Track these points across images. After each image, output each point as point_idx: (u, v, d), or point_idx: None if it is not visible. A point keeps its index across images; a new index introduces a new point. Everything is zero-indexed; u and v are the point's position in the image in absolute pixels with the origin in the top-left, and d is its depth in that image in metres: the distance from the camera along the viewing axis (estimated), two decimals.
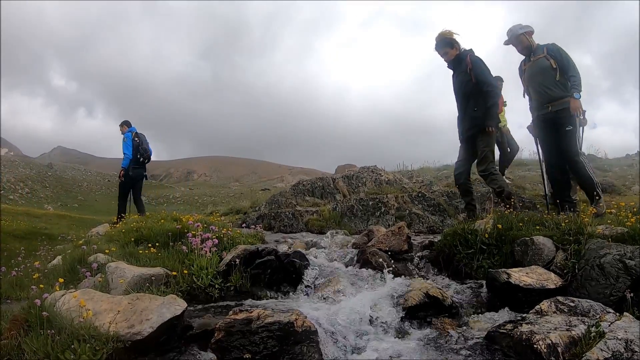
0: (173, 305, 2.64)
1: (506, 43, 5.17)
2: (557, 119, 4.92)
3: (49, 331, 2.33)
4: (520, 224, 4.16)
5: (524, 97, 5.36)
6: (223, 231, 4.52)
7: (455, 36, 5.15)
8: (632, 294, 2.77)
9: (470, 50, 5.14)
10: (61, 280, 3.07)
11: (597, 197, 4.81)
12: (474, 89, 5.02)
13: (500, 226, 4.07)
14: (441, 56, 5.23)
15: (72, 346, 2.26)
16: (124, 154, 8.64)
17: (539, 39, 5.16)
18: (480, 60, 5.06)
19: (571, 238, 3.61)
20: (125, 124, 9.05)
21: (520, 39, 5.04)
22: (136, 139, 8.90)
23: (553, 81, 4.88)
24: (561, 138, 4.89)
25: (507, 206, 4.83)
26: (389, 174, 10.24)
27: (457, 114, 5.36)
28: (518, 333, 2.43)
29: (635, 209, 4.76)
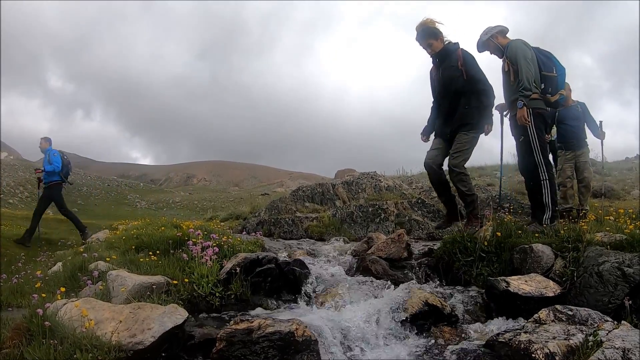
0: (174, 315, 2.66)
1: (479, 51, 4.84)
2: (512, 127, 4.69)
3: (51, 341, 2.35)
4: (519, 231, 4.18)
5: None
6: (223, 239, 4.53)
7: (438, 25, 4.71)
8: (630, 302, 2.80)
9: (458, 43, 4.73)
10: (63, 289, 3.09)
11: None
12: (466, 85, 4.58)
13: (499, 233, 4.09)
14: (424, 48, 4.75)
15: (75, 356, 2.28)
16: (54, 165, 8.69)
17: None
18: (473, 56, 4.69)
19: (570, 245, 3.63)
20: (47, 141, 9.13)
21: (487, 44, 4.71)
22: (65, 156, 9.12)
23: (508, 84, 4.61)
24: (519, 148, 4.61)
25: (469, 225, 4.59)
26: (388, 179, 10.27)
27: (432, 111, 4.98)
28: (516, 342, 2.45)
29: (634, 215, 4.78)
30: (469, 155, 4.70)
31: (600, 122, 7.09)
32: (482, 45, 4.79)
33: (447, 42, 4.71)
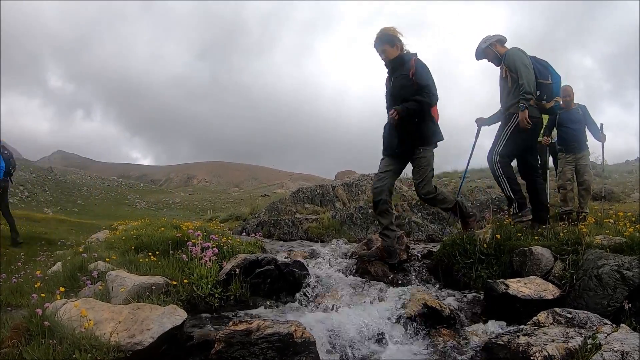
0: (173, 315, 2.66)
1: (477, 59, 4.98)
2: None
3: (50, 341, 2.35)
4: (519, 234, 4.19)
5: None
6: (223, 240, 4.53)
7: (399, 35, 4.49)
8: (629, 305, 2.79)
9: (416, 53, 4.51)
10: (62, 289, 3.09)
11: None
12: (415, 96, 4.31)
13: (499, 236, 4.09)
14: (379, 54, 4.55)
15: (74, 356, 2.28)
16: (1, 167, 8.54)
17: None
18: (426, 66, 4.41)
19: (569, 248, 3.63)
20: None
21: (486, 52, 4.87)
22: (6, 151, 8.96)
23: (507, 90, 4.71)
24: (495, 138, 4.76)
25: (468, 227, 4.55)
26: None
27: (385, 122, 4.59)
28: (515, 345, 2.45)
29: (633, 218, 4.78)
30: (433, 174, 4.52)
31: (601, 124, 7.11)
32: (480, 53, 4.92)
33: (406, 51, 4.51)
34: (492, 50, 4.82)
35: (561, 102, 7.27)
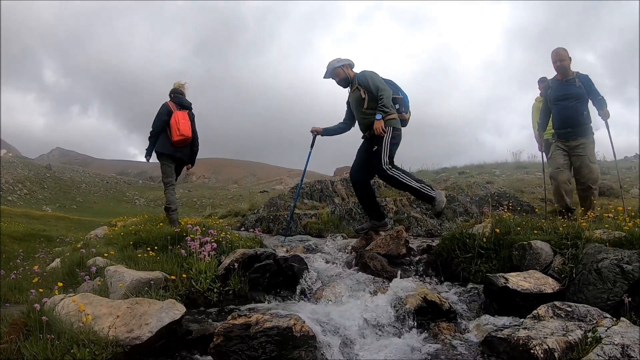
0: (172, 310, 2.66)
1: (325, 77, 5.18)
2: (369, 143, 4.91)
3: (48, 336, 2.35)
4: (518, 228, 4.18)
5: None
6: (222, 235, 4.52)
7: (178, 87, 6.28)
8: (629, 299, 2.79)
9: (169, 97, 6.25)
10: (60, 284, 3.08)
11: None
12: None
13: (498, 230, 4.08)
14: None
15: (72, 351, 2.27)
16: None
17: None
18: (161, 106, 6.10)
19: (569, 242, 3.62)
20: None
21: (336, 72, 5.05)
22: None
23: (365, 110, 4.84)
24: (371, 158, 4.83)
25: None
26: None
27: None
28: (515, 338, 2.45)
29: (632, 213, 4.78)
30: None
31: (602, 98, 5.30)
32: (331, 72, 5.11)
33: None
34: (343, 71, 5.04)
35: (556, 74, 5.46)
